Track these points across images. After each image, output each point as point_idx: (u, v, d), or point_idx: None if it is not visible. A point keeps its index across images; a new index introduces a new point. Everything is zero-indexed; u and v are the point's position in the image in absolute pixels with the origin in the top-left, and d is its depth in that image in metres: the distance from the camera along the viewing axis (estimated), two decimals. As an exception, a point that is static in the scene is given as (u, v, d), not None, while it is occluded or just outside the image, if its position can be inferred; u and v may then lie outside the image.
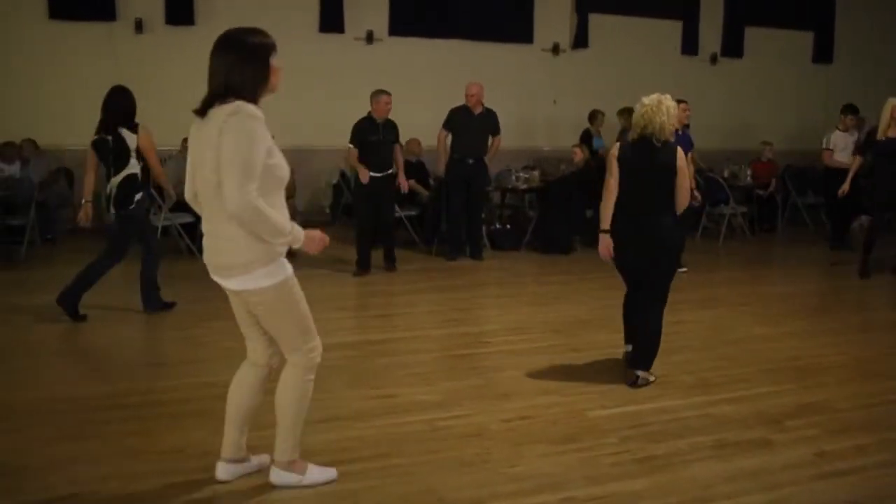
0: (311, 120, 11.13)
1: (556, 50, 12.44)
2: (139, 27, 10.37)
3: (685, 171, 4.86)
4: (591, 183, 9.15)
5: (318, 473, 3.51)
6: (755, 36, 13.48)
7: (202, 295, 6.52)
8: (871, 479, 3.68)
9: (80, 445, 3.89)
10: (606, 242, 4.92)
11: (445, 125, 8.97)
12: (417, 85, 10.41)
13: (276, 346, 3.40)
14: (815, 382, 5.04)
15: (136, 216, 6.33)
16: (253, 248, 3.06)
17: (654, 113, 4.81)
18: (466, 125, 8.90)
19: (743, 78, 13.40)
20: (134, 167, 6.23)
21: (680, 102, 8.01)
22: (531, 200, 11.01)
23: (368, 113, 8.24)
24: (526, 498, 3.44)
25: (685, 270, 8.00)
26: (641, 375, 4.91)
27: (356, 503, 3.37)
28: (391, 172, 8.35)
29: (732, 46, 13.45)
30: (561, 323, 6.44)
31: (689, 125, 8.59)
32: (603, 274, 8.36)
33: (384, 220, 8.47)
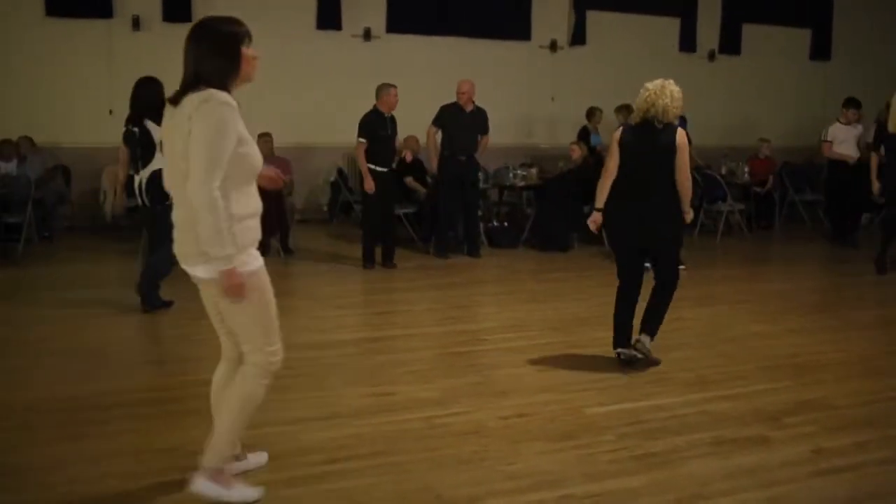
0: (308, 117, 11.13)
1: (553, 47, 12.44)
2: (136, 24, 10.36)
3: (685, 148, 4.97)
4: (589, 180, 9.15)
5: (243, 491, 3.30)
6: (753, 33, 13.48)
7: (197, 293, 6.52)
8: (869, 476, 3.68)
9: (78, 444, 3.88)
10: (596, 217, 5.18)
11: (435, 121, 8.96)
12: (415, 82, 10.38)
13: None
14: (813, 379, 5.04)
15: (164, 211, 6.18)
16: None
17: (657, 96, 4.93)
18: (457, 122, 8.89)
19: (741, 75, 13.40)
20: (160, 161, 5.98)
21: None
22: (529, 198, 11.01)
23: (374, 107, 8.21)
24: (524, 495, 3.43)
25: (684, 268, 8.00)
26: (640, 343, 5.21)
27: (355, 501, 3.37)
28: (394, 168, 8.41)
29: (730, 43, 13.45)
30: (559, 320, 6.43)
31: (685, 118, 8.54)
32: (601, 271, 8.38)
33: (388, 217, 8.50)
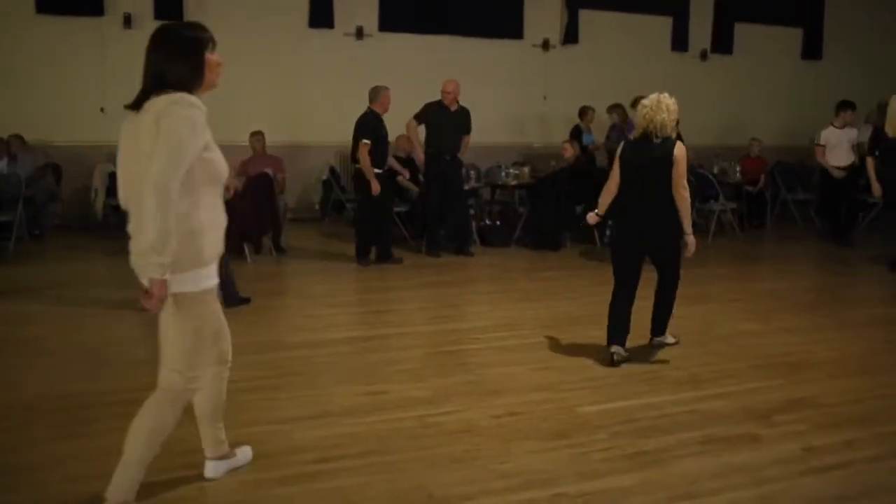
0: (300, 116, 11.13)
1: (546, 46, 12.44)
2: (128, 22, 10.32)
3: (682, 160, 5.09)
4: (581, 179, 9.17)
5: None
6: (745, 32, 13.52)
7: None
8: (859, 474, 3.70)
9: (72, 443, 3.87)
10: (594, 216, 5.49)
11: (417, 117, 8.98)
12: (407, 81, 10.37)
13: (224, 337, 3.38)
14: (804, 378, 5.06)
15: None
16: (182, 247, 2.89)
17: (654, 112, 5.14)
18: (440, 121, 8.93)
19: (733, 74, 13.43)
20: None
21: (642, 98, 8.13)
22: (521, 197, 11.02)
23: (370, 109, 8.26)
24: (516, 494, 3.44)
25: None
26: (657, 341, 5.63)
27: (347, 500, 3.37)
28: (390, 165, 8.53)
29: (722, 43, 13.47)
30: (551, 319, 6.44)
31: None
32: (593, 270, 8.41)
33: (385, 217, 8.59)
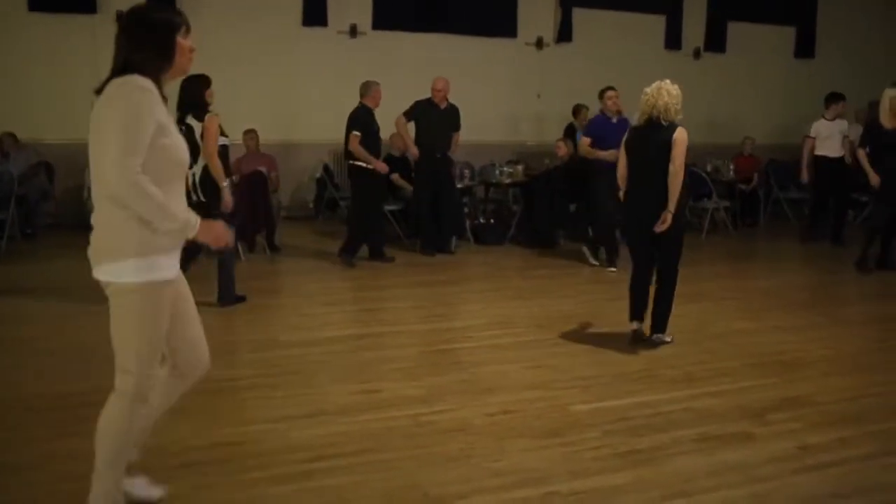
0: (294, 114, 11.11)
1: (539, 44, 12.44)
2: (120, 20, 10.28)
3: (682, 143, 5.24)
4: (575, 177, 9.16)
5: None
6: (738, 31, 13.53)
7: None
8: (853, 472, 3.71)
9: (66, 442, 3.85)
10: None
11: (407, 114, 8.99)
12: (401, 79, 10.37)
13: (190, 352, 3.12)
14: (798, 376, 5.07)
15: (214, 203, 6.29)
16: (129, 233, 2.74)
17: (656, 97, 5.33)
18: (430, 119, 8.94)
19: (726, 73, 13.44)
20: (204, 160, 6.17)
21: (608, 90, 8.17)
22: (515, 195, 11.01)
23: (362, 103, 8.26)
24: (509, 492, 3.44)
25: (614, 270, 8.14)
26: (657, 337, 5.65)
27: (341, 499, 3.36)
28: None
29: (715, 41, 13.49)
30: (545, 317, 6.44)
31: (621, 112, 8.55)
32: (586, 268, 8.41)
33: (378, 212, 8.62)
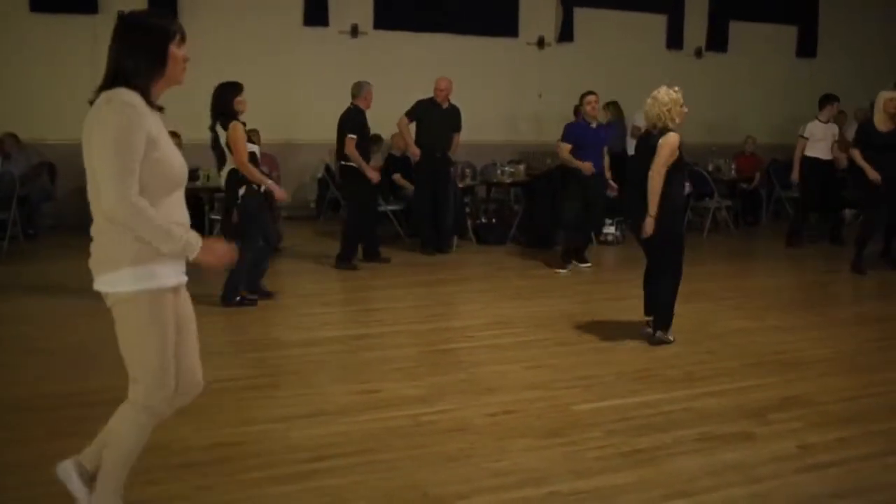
0: (295, 114, 11.10)
1: (541, 44, 12.43)
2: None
3: (663, 147, 5.36)
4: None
5: None
6: (739, 30, 13.52)
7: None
8: (853, 471, 3.71)
9: (63, 442, 3.83)
10: None
11: (409, 114, 9.00)
12: (402, 79, 10.38)
13: (183, 372, 2.96)
14: (798, 376, 5.07)
15: (245, 209, 6.47)
16: (124, 243, 2.70)
17: (650, 107, 5.50)
18: (431, 118, 8.95)
19: (727, 72, 13.43)
20: (231, 162, 6.39)
21: (588, 95, 8.17)
22: (516, 194, 11.01)
23: (355, 104, 8.20)
24: (510, 492, 3.44)
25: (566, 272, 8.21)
26: (657, 336, 5.70)
27: (341, 499, 3.36)
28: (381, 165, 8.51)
29: (717, 41, 13.48)
30: (545, 317, 6.44)
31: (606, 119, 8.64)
32: (587, 268, 8.40)
33: (374, 213, 8.59)
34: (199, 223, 8.03)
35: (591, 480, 3.57)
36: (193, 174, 8.38)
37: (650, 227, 5.41)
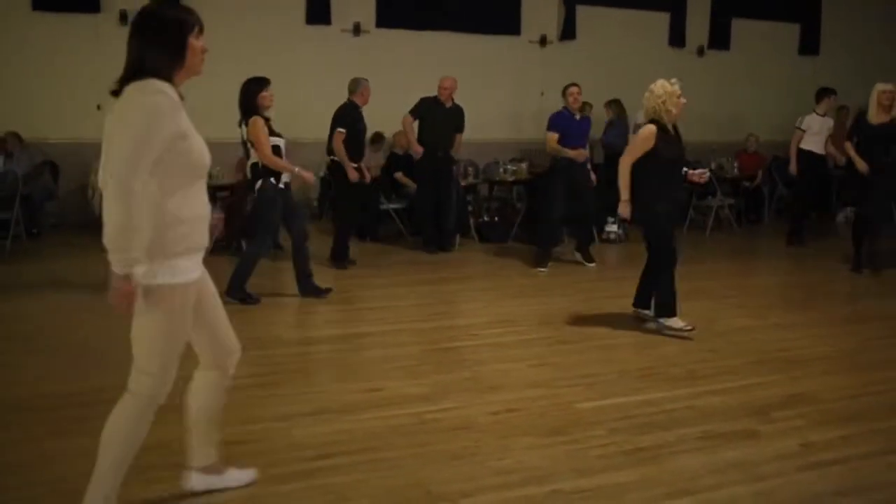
0: (297, 112, 11.05)
1: (543, 42, 12.42)
2: (124, 19, 10.25)
3: (635, 137, 5.66)
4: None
5: None
6: (742, 28, 13.51)
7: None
8: (856, 469, 3.71)
9: (65, 441, 3.86)
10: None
11: (413, 112, 9.00)
12: (404, 77, 10.38)
13: (221, 344, 3.18)
14: (801, 374, 5.07)
15: (261, 202, 6.62)
16: (153, 239, 2.76)
17: (647, 100, 5.68)
18: (434, 117, 8.93)
19: (730, 70, 13.42)
20: (255, 156, 6.55)
21: (571, 86, 8.18)
22: (519, 193, 11.01)
23: (350, 100, 8.15)
24: (513, 491, 3.44)
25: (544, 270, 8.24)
26: (660, 323, 5.90)
27: (344, 497, 3.37)
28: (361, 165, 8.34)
29: (719, 38, 13.47)
30: (548, 315, 6.44)
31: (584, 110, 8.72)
32: (590, 266, 8.39)
33: (372, 211, 8.52)
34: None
35: (593, 479, 3.57)
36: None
37: (622, 209, 5.72)
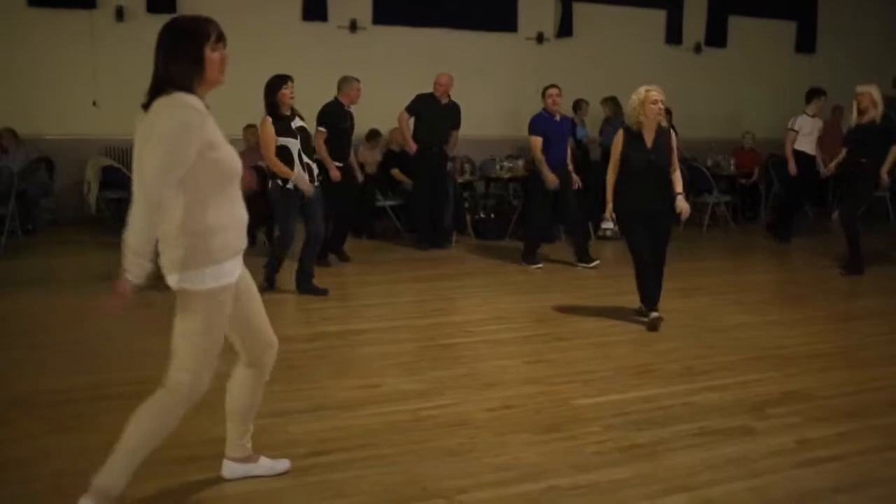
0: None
1: (540, 39, 12.42)
2: (120, 15, 10.27)
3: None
4: (575, 172, 9.14)
5: None
6: (739, 25, 13.52)
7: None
8: (852, 466, 3.71)
9: (63, 438, 3.86)
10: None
11: (409, 109, 8.98)
12: (401, 74, 10.37)
13: (257, 338, 3.27)
14: (797, 370, 5.08)
15: (273, 202, 6.73)
16: (190, 246, 2.85)
17: (627, 109, 6.02)
18: (430, 113, 8.92)
19: (727, 67, 13.43)
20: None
21: (550, 88, 8.17)
22: (515, 189, 11.01)
23: (336, 98, 8.04)
24: (510, 487, 3.44)
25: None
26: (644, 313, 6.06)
27: (341, 493, 3.36)
28: (350, 163, 8.25)
29: (716, 36, 13.48)
30: (545, 312, 6.45)
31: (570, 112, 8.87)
32: (595, 267, 8.40)
33: (354, 210, 8.40)
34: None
35: (590, 475, 3.57)
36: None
37: (608, 211, 6.07)
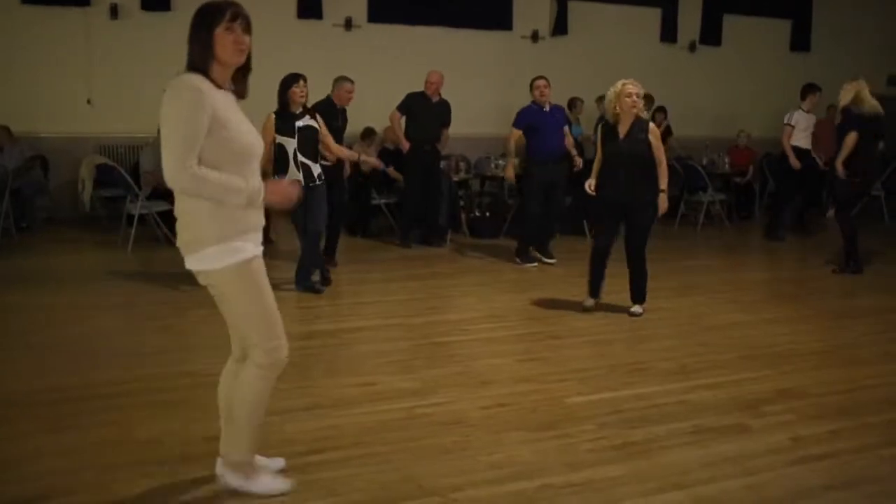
0: (289, 107, 11.05)
1: (535, 37, 12.42)
2: (114, 13, 10.24)
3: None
4: (570, 170, 9.15)
5: (269, 483, 3.31)
6: (733, 24, 13.53)
7: (179, 284, 6.49)
8: (846, 463, 3.72)
9: (57, 436, 3.85)
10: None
11: (400, 108, 8.98)
12: (396, 72, 10.36)
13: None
14: (791, 368, 5.09)
15: None
16: (203, 224, 2.92)
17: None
18: (421, 111, 8.91)
19: (721, 66, 13.45)
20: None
21: (538, 79, 8.25)
22: (510, 188, 11.00)
23: (328, 97, 7.98)
24: (504, 485, 3.45)
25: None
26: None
27: (335, 492, 3.36)
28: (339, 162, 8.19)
29: (711, 34, 13.48)
30: (539, 310, 6.45)
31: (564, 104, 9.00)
32: (581, 261, 8.39)
33: (341, 210, 8.33)
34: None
35: (584, 473, 3.57)
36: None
37: (587, 184, 6.34)
